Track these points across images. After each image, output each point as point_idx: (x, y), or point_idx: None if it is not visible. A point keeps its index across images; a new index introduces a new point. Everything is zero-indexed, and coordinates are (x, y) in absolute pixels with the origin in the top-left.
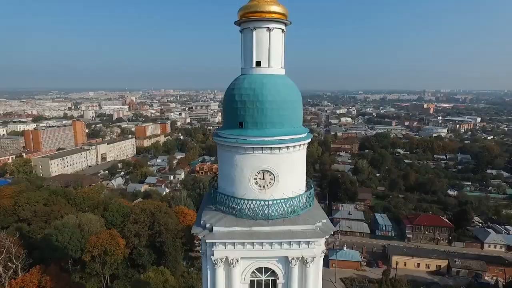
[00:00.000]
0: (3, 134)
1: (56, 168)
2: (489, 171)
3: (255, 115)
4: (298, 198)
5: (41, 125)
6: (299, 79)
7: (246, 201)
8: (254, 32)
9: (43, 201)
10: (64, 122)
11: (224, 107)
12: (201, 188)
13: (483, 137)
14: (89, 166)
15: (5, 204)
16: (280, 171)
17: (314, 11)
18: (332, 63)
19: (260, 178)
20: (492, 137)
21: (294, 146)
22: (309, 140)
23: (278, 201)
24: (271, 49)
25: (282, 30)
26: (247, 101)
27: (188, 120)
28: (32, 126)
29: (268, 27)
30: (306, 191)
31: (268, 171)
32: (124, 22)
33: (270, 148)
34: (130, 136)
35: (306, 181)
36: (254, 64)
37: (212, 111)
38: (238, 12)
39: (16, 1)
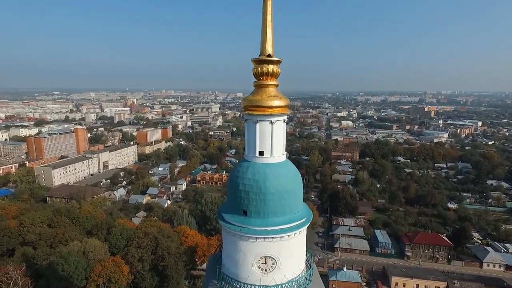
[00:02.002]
0: (6, 139)
1: (59, 177)
2: (489, 181)
3: (258, 206)
4: (299, 279)
5: (43, 130)
6: (300, 80)
7: (249, 286)
8: (257, 125)
9: (47, 221)
10: (66, 126)
11: (228, 191)
12: (202, 204)
13: (484, 142)
14: (91, 175)
15: (11, 226)
16: (281, 256)
17: (315, 11)
18: (333, 64)
19: (262, 263)
20: (493, 142)
21: (295, 233)
22: (310, 222)
23: (279, 285)
24: (273, 139)
25: (284, 120)
26: (250, 191)
27: (189, 124)
28: (34, 130)
29: (271, 121)
30: (306, 269)
31: (270, 257)
32: (125, 21)
33: (272, 237)
34: (131, 143)
35: (306, 256)
36: (257, 154)
37: (213, 114)
38: (242, 101)
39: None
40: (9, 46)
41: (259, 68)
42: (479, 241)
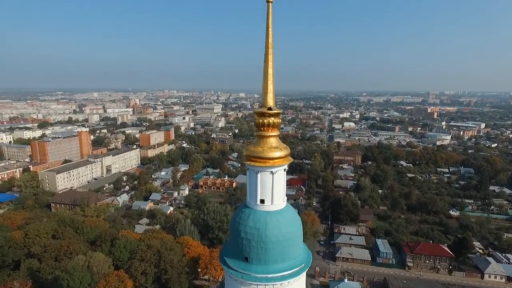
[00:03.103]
0: (10, 142)
1: (63, 181)
2: (492, 187)
3: (259, 253)
4: None
5: (46, 132)
6: (303, 79)
7: None
8: (259, 175)
9: (52, 231)
10: (69, 127)
11: (231, 235)
12: (205, 213)
13: (487, 145)
14: (95, 179)
15: (16, 237)
16: None
17: (320, 12)
18: (336, 64)
19: None
20: (496, 144)
21: (295, 279)
22: (309, 267)
23: None
24: (274, 189)
25: (285, 169)
26: (252, 240)
27: (192, 125)
28: (38, 132)
29: (272, 171)
30: None
31: None
32: (129, 21)
33: (273, 284)
34: (134, 146)
35: None
36: (258, 202)
37: (215, 115)
38: (244, 151)
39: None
40: (13, 45)
41: (261, 120)
42: (481, 251)
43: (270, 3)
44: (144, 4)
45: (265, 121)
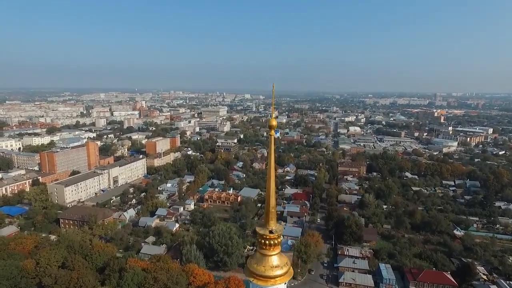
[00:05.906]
0: (19, 148)
1: (71, 194)
2: (498, 203)
3: None
4: None
5: (55, 138)
6: (308, 80)
7: None
8: None
9: (62, 259)
10: (77, 133)
11: None
12: (210, 236)
13: (494, 153)
14: (102, 191)
15: (28, 267)
16: None
17: (323, 12)
18: (341, 64)
19: None
20: (503, 152)
21: None
22: None
23: None
24: None
25: (285, 282)
26: None
27: (197, 129)
28: (47, 139)
29: None
30: None
31: None
32: (133, 21)
33: None
34: (140, 156)
35: None
36: None
37: (220, 119)
38: (247, 265)
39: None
40: (21, 46)
41: (262, 241)
42: (485, 277)
43: (272, 136)
44: (146, 4)
45: (267, 242)
